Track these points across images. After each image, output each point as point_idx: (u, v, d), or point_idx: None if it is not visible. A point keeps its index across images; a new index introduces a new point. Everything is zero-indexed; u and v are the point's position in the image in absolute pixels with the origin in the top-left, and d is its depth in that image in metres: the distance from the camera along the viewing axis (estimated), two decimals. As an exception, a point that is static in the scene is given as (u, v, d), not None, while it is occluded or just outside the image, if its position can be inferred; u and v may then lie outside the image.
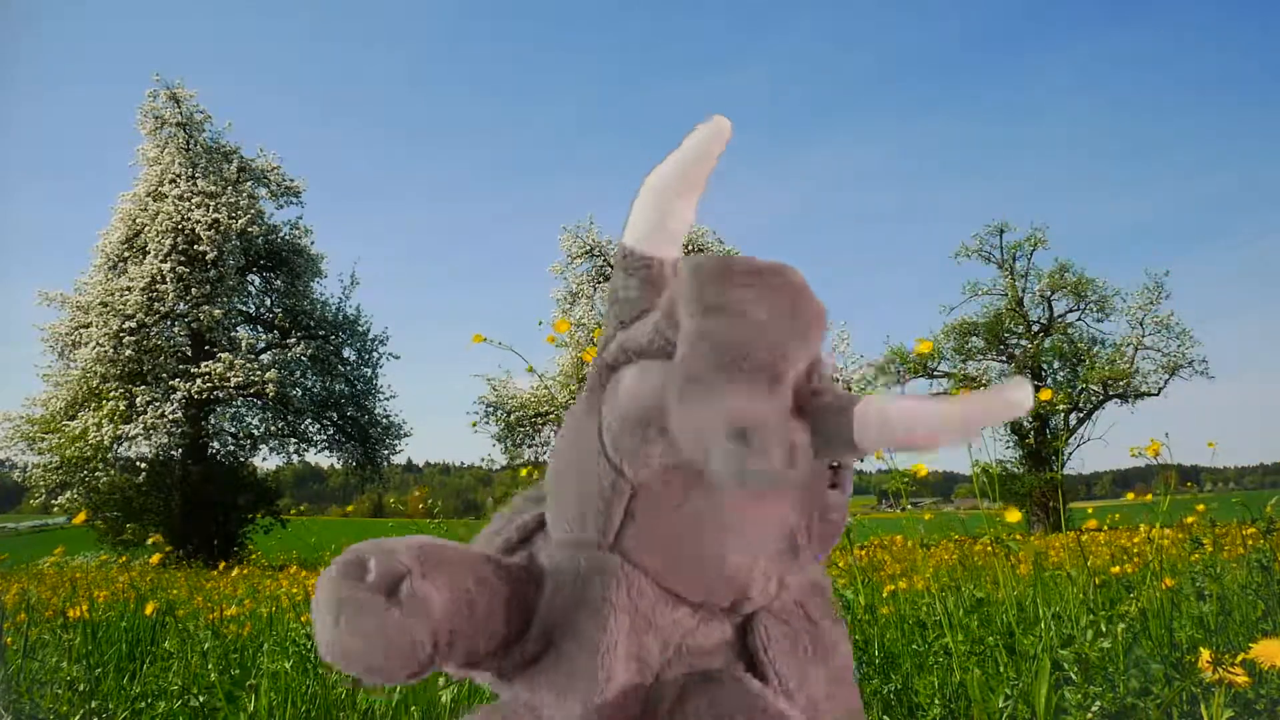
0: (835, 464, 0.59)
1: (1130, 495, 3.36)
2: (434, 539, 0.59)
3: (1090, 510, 4.73)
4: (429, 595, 0.53)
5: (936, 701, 2.02)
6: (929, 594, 2.70)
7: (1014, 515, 2.42)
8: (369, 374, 23.31)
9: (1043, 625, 2.11)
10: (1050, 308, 28.91)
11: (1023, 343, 28.54)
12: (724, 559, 0.58)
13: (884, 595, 3.26)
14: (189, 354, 20.84)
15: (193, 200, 20.62)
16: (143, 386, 19.93)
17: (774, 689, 0.62)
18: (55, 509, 19.63)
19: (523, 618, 0.59)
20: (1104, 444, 27.61)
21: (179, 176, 20.97)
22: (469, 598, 0.55)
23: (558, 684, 0.57)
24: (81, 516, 3.60)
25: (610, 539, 0.58)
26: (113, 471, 19.55)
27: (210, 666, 2.51)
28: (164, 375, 20.18)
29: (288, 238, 22.74)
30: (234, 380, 19.89)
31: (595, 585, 0.58)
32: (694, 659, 0.61)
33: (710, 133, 0.57)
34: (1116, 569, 3.14)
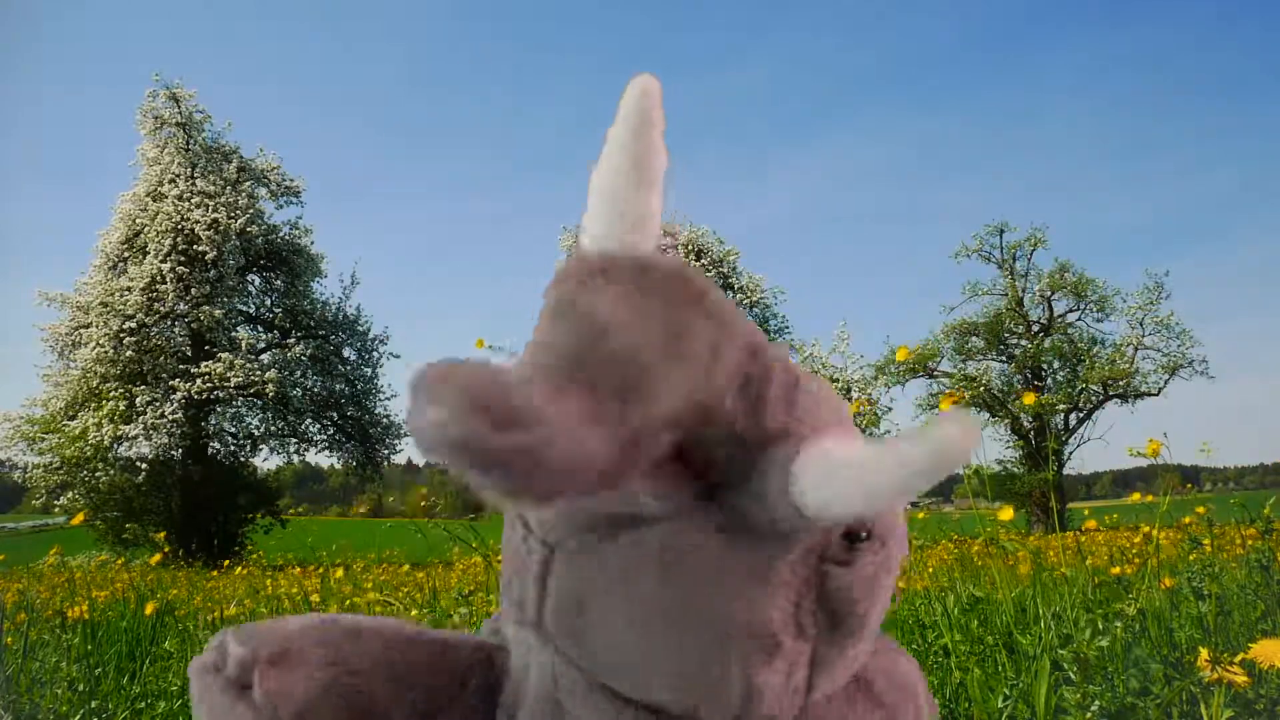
0: (853, 533, 0.45)
1: (1135, 496, 3.37)
2: (340, 617, 0.49)
3: (1087, 511, 4.74)
4: (284, 688, 0.45)
5: (936, 701, 2.03)
6: (928, 594, 2.70)
7: (1007, 513, 2.42)
8: (369, 374, 23.33)
9: (1042, 625, 2.12)
10: (1050, 308, 28.93)
11: (1023, 343, 28.55)
12: (670, 653, 0.43)
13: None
14: (189, 354, 20.85)
15: (192, 200, 20.63)
16: (143, 386, 19.94)
17: None
18: (56, 509, 19.64)
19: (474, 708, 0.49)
20: (1104, 444, 27.63)
21: (179, 176, 20.98)
22: (350, 686, 0.46)
23: None
24: (80, 518, 3.61)
25: (533, 615, 0.45)
26: (113, 471, 19.55)
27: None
28: (164, 375, 20.18)
29: (288, 238, 22.75)
30: (234, 380, 19.90)
31: (533, 677, 0.47)
32: None
33: (639, 100, 0.45)
34: (1116, 569, 3.15)
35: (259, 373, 20.18)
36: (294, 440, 22.88)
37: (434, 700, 0.48)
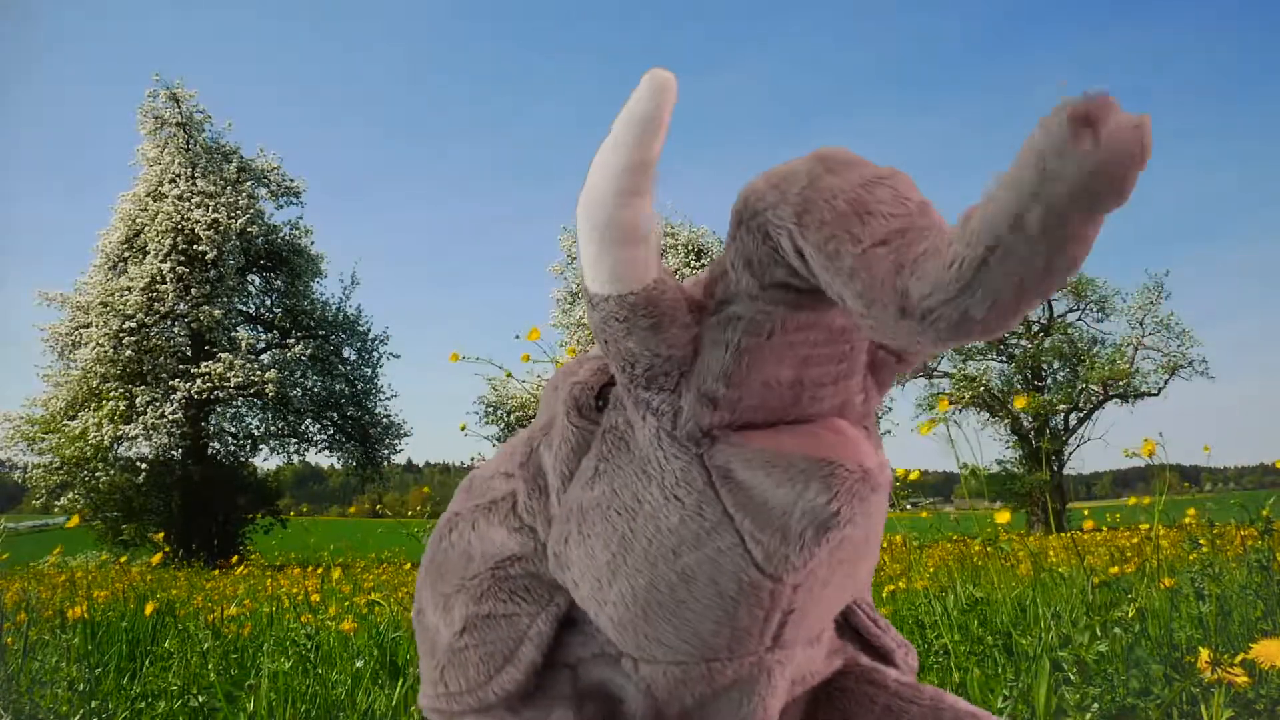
0: None
1: (1132, 499, 3.36)
2: None
3: (1086, 511, 4.74)
4: None
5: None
6: (927, 594, 2.70)
7: (1003, 516, 2.41)
8: (369, 374, 23.32)
9: (1041, 625, 2.11)
10: (1050, 308, 28.89)
11: (1023, 343, 28.53)
12: (862, 578, 0.53)
13: (883, 596, 3.26)
14: (189, 354, 20.83)
15: (192, 200, 20.61)
16: (143, 386, 19.92)
17: (900, 656, 0.60)
18: (56, 509, 19.62)
19: None
20: (1104, 444, 27.55)
21: (179, 176, 20.96)
22: None
23: None
24: (75, 520, 3.61)
25: (770, 642, 0.50)
26: (113, 471, 19.53)
27: (210, 666, 2.51)
28: (164, 375, 20.17)
29: (288, 238, 22.74)
30: (234, 380, 19.88)
31: (735, 690, 0.52)
32: (816, 674, 0.57)
33: (654, 100, 0.41)
34: (1115, 569, 3.15)
35: (259, 373, 20.16)
36: (294, 440, 22.87)
37: None
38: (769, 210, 0.41)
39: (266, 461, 35.45)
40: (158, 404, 19.76)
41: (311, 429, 22.91)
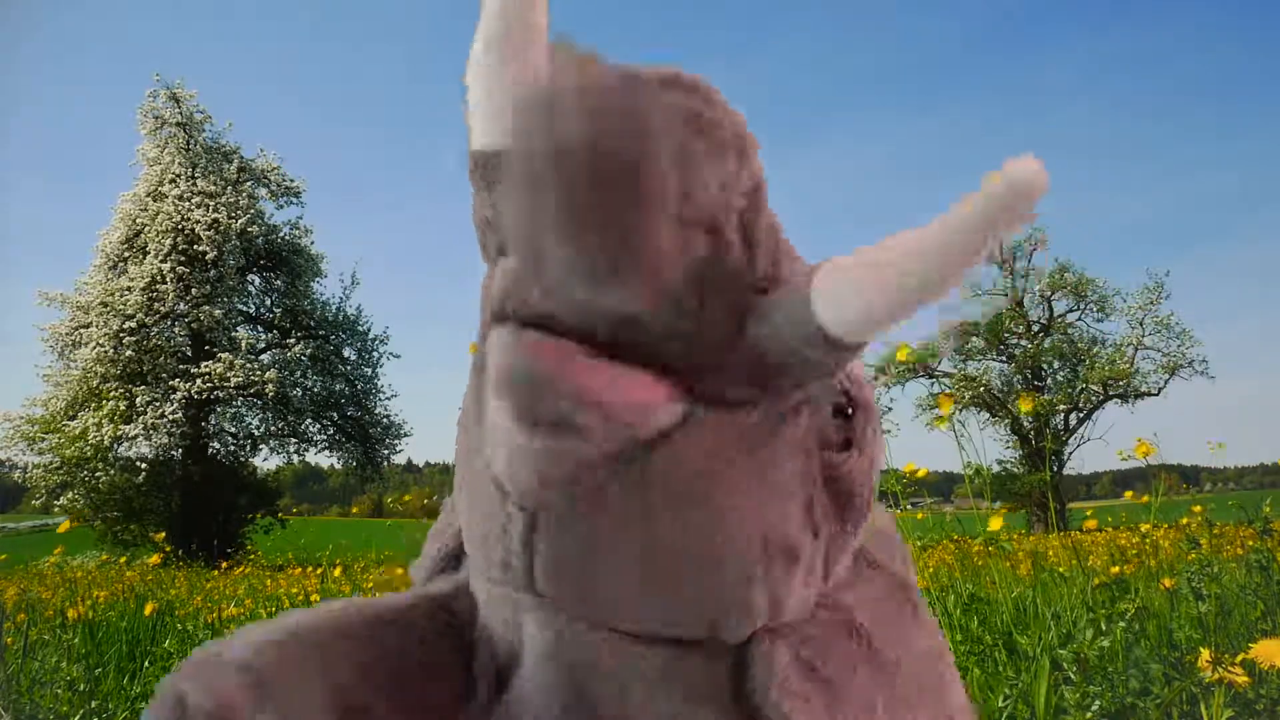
0: (846, 410, 0.43)
1: (1129, 495, 3.36)
2: (302, 621, 0.44)
3: (1090, 511, 4.75)
4: None
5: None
6: (927, 594, 2.70)
7: (996, 523, 2.41)
8: (369, 374, 23.31)
9: (1041, 625, 2.12)
10: (1050, 308, 28.90)
11: (1023, 343, 28.53)
12: (691, 585, 0.40)
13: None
14: (189, 354, 20.84)
15: (193, 200, 20.61)
16: (143, 386, 19.92)
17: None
18: (56, 509, 19.63)
19: (466, 672, 0.46)
20: (1104, 444, 27.59)
21: (179, 176, 20.96)
22: (347, 700, 0.42)
23: None
24: (65, 526, 3.62)
25: (523, 579, 0.41)
26: (113, 471, 19.53)
27: (210, 666, 2.50)
28: (164, 375, 20.17)
29: (288, 238, 22.73)
30: (234, 380, 19.88)
31: (531, 636, 0.43)
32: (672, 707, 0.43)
33: None
34: (1115, 569, 3.15)
35: (259, 373, 20.16)
36: (294, 440, 22.85)
37: (413, 688, 0.44)
38: None
39: (266, 461, 35.50)
40: (158, 404, 19.76)
41: (311, 429, 22.90)
